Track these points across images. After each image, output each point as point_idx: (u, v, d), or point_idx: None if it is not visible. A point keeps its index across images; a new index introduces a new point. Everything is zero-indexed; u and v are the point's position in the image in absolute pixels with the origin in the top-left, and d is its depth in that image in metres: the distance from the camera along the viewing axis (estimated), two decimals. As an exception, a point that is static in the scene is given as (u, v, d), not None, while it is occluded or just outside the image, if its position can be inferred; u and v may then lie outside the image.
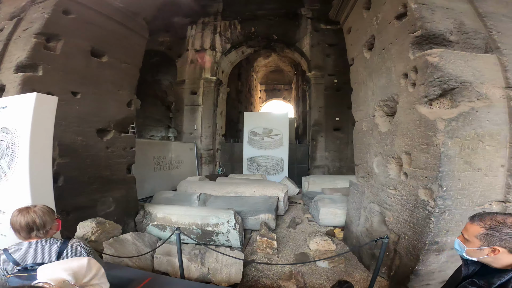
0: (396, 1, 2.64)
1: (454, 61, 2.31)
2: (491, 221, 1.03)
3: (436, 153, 2.29)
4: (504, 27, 2.34)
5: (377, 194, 3.30)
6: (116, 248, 3.31)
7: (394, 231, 2.79)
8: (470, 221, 1.11)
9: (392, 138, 2.99)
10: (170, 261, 3.22)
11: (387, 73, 3.06)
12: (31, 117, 2.43)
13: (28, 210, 1.40)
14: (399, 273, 2.57)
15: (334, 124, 8.28)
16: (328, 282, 3.08)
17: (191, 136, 8.95)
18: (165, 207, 4.40)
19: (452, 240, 2.30)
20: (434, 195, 2.30)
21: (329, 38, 8.34)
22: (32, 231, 1.36)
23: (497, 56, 2.32)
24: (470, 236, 1.07)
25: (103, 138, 4.41)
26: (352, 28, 4.00)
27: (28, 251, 1.35)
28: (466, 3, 2.41)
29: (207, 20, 8.93)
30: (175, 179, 7.47)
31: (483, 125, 2.28)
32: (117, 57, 4.48)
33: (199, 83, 8.84)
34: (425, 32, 2.37)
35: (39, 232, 1.37)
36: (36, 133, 2.46)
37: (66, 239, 1.50)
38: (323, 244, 3.93)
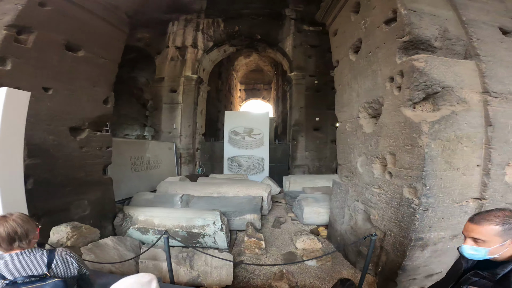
0: (386, 6, 2.74)
1: (438, 66, 2.45)
2: (498, 217, 1.09)
3: (420, 154, 2.42)
4: (483, 34, 2.53)
5: (361, 193, 3.42)
6: (96, 254, 3.09)
7: (380, 229, 2.91)
8: (476, 223, 1.12)
9: (376, 139, 3.11)
10: (157, 266, 3.08)
11: (373, 76, 3.17)
12: (0, 114, 2.18)
13: (6, 219, 1.24)
14: (386, 269, 2.69)
15: (314, 124, 8.47)
16: (318, 280, 3.14)
17: (169, 135, 8.64)
18: (146, 209, 4.20)
19: (435, 236, 2.45)
20: (419, 193, 2.42)
21: (311, 40, 8.51)
22: (14, 242, 1.21)
23: (475, 63, 2.50)
24: (486, 236, 1.09)
25: (76, 137, 4.13)
26: (338, 30, 4.10)
27: (13, 264, 1.20)
28: (451, 10, 2.57)
29: (190, 17, 8.68)
30: (154, 180, 7.18)
31: (462, 128, 2.45)
32: (94, 51, 4.20)
33: (179, 81, 8.56)
34: (413, 37, 2.48)
35: (22, 243, 1.23)
36: (6, 132, 2.23)
37: (51, 249, 1.36)
38: (309, 243, 4.00)
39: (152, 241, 3.96)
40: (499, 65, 2.49)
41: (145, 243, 3.90)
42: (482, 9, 2.61)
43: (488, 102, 2.46)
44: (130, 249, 3.58)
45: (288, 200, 6.50)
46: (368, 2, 3.09)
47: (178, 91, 8.58)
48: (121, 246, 3.50)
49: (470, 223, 1.15)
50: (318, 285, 3.04)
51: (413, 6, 2.50)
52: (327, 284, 3.05)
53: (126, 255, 3.38)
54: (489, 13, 2.64)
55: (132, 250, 3.58)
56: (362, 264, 3.24)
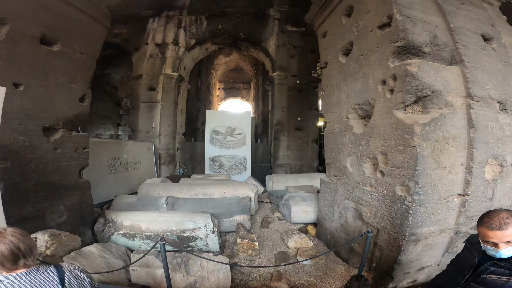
0: (381, 11, 2.84)
1: (429, 71, 2.61)
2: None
3: (413, 154, 2.55)
4: (468, 41, 2.74)
5: (352, 191, 3.54)
6: (81, 263, 2.88)
7: (373, 225, 3.03)
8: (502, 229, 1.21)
9: (367, 139, 3.23)
10: (150, 273, 2.92)
11: (364, 79, 3.29)
12: None
13: (3, 235, 1.08)
14: (381, 264, 2.81)
15: (295, 124, 8.62)
16: (314, 278, 3.19)
17: (148, 135, 8.25)
18: (131, 214, 3.96)
19: (426, 231, 2.61)
20: (411, 191, 2.56)
21: (294, 40, 8.63)
22: (19, 260, 1.05)
23: (460, 68, 2.70)
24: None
25: (50, 137, 3.80)
26: (328, 32, 4.19)
27: (21, 285, 1.04)
28: (440, 17, 2.74)
29: (172, 13, 8.35)
30: (133, 182, 6.82)
31: (448, 129, 2.63)
32: (71, 46, 3.88)
33: (159, 78, 8.19)
34: (406, 43, 2.61)
35: (27, 260, 1.07)
36: None
37: (57, 264, 1.21)
38: (301, 242, 4.06)
39: (139, 247, 3.78)
40: (480, 70, 2.72)
41: (134, 250, 3.69)
42: (468, 16, 2.82)
43: (470, 106, 2.67)
44: (117, 256, 3.36)
45: (274, 200, 6.54)
46: (362, 6, 3.19)
47: (157, 89, 8.20)
48: (107, 254, 3.28)
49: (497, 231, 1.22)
50: (315, 283, 3.09)
51: (408, 13, 2.63)
52: (324, 281, 3.11)
53: (114, 263, 3.17)
54: (473, 20, 2.86)
55: (120, 257, 3.36)
56: (355, 260, 3.38)
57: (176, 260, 3.11)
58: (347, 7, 3.56)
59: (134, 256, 3.16)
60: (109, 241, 3.81)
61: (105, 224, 3.99)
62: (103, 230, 3.96)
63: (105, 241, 3.84)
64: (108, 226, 3.95)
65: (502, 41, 2.91)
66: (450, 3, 2.82)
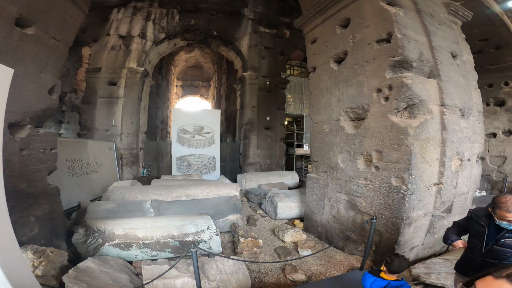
0: (381, 28, 3.28)
1: (418, 83, 3.16)
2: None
3: (407, 151, 3.07)
4: (443, 58, 3.40)
5: (344, 185, 3.96)
6: (87, 283, 2.54)
7: (369, 214, 3.49)
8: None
9: (361, 139, 3.69)
10: (168, 284, 2.73)
11: (358, 86, 3.73)
12: None
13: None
14: (381, 246, 3.27)
15: (265, 123, 8.91)
16: (321, 266, 3.48)
17: (107, 134, 7.37)
18: (122, 222, 3.58)
19: (416, 215, 3.16)
20: (406, 181, 3.07)
21: (266, 41, 8.87)
22: None
23: (437, 81, 3.34)
24: None
25: (15, 136, 3.20)
26: (318, 39, 4.54)
27: None
28: (425, 36, 3.33)
29: (140, 5, 7.66)
30: (95, 186, 6.07)
31: (429, 131, 3.23)
32: (46, 30, 3.37)
33: (121, 73, 7.39)
34: (403, 58, 3.11)
35: None
36: None
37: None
38: (296, 236, 4.33)
39: (136, 257, 3.48)
40: (450, 84, 3.42)
41: (130, 261, 3.37)
42: (443, 36, 3.50)
43: (444, 113, 3.34)
44: (119, 270, 3.04)
45: (252, 198, 6.68)
46: (361, 20, 3.61)
47: (119, 84, 7.39)
48: (107, 268, 2.95)
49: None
50: (324, 271, 3.38)
51: (404, 31, 3.13)
52: (330, 268, 3.43)
53: (119, 277, 2.87)
54: (446, 40, 3.56)
55: (122, 271, 3.05)
56: (351, 247, 3.81)
57: (192, 267, 2.98)
58: (344, 18, 3.95)
59: (146, 268, 2.91)
60: (98, 254, 3.38)
61: (87, 234, 3.51)
62: (84, 241, 3.49)
63: (91, 254, 3.39)
64: (93, 236, 3.49)
65: (463, 58, 3.72)
66: (432, 24, 3.46)
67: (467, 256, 2.03)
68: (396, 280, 1.90)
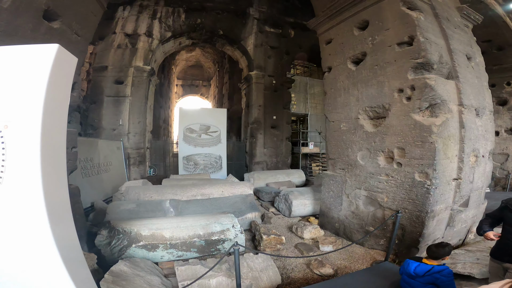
0: (403, 31, 3.40)
1: (440, 84, 3.29)
2: None
3: (431, 148, 3.20)
4: (460, 60, 3.54)
5: (364, 181, 4.08)
6: (124, 287, 2.53)
7: (392, 208, 3.61)
8: None
9: (382, 137, 3.81)
10: (202, 284, 2.74)
11: (378, 86, 3.84)
12: (47, 78, 1.48)
13: None
14: (405, 239, 3.39)
15: (271, 122, 8.99)
16: (344, 261, 3.59)
17: (114, 133, 7.29)
18: (148, 222, 3.58)
19: (439, 208, 3.29)
20: (430, 176, 3.20)
21: (272, 41, 8.94)
22: None
23: (455, 82, 3.49)
24: None
25: None
26: (333, 40, 4.63)
27: None
28: (443, 40, 3.46)
29: (146, 3, 7.60)
30: (106, 186, 6.03)
31: (450, 130, 3.37)
32: (70, 25, 3.35)
33: (128, 71, 7.32)
34: (425, 60, 3.23)
35: None
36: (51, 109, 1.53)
37: None
38: (314, 232, 4.42)
39: (161, 258, 3.44)
40: (467, 84, 3.57)
41: (157, 262, 3.37)
42: (459, 39, 3.65)
43: (462, 112, 3.48)
44: (150, 272, 3.00)
45: (263, 196, 6.74)
46: (380, 23, 3.72)
47: (126, 83, 7.32)
48: (139, 271, 2.91)
49: None
50: (348, 265, 3.48)
51: (426, 35, 3.26)
52: (354, 263, 3.53)
53: (152, 280, 2.83)
54: (461, 43, 3.70)
55: (153, 273, 3.01)
56: (371, 242, 3.92)
57: (225, 265, 3.03)
58: (361, 21, 4.05)
59: (180, 269, 2.90)
60: (125, 256, 3.35)
61: (111, 236, 3.48)
62: (108, 243, 3.46)
63: (116, 256, 3.36)
64: (118, 238, 3.45)
65: (476, 60, 3.88)
66: (449, 27, 3.60)
67: (502, 242, 2.16)
68: (439, 265, 2.02)
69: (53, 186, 1.53)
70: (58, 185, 1.60)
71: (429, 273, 1.92)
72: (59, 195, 1.61)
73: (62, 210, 1.65)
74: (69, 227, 1.72)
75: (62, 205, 1.66)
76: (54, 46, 1.52)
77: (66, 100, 1.70)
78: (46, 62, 1.49)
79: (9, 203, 1.50)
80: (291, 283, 3.13)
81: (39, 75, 1.47)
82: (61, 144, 1.65)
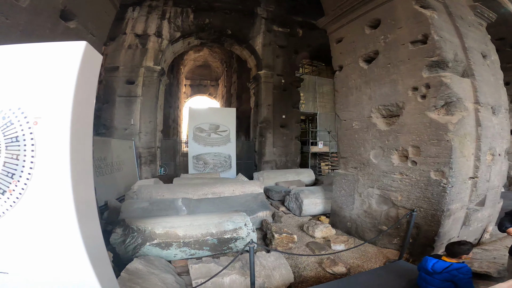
0: (417, 29, 3.37)
1: (455, 82, 3.25)
2: None
3: (447, 146, 3.16)
4: (475, 58, 3.49)
5: (377, 180, 4.05)
6: (140, 285, 2.55)
7: (406, 207, 3.58)
8: None
9: (395, 135, 3.78)
10: (216, 283, 2.75)
11: (391, 84, 3.81)
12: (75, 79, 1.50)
13: None
14: (420, 238, 3.36)
15: (280, 121, 9.00)
16: (357, 259, 3.58)
17: (126, 132, 7.43)
18: (162, 220, 3.63)
19: (455, 207, 3.25)
20: (446, 175, 3.16)
21: (280, 40, 8.96)
22: None
23: (471, 80, 3.43)
24: None
25: None
26: (344, 39, 4.61)
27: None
28: (457, 38, 3.42)
29: (155, 3, 7.73)
30: (119, 185, 6.14)
31: (466, 128, 3.32)
32: (85, 25, 3.41)
33: (139, 71, 7.45)
34: (440, 58, 3.20)
35: None
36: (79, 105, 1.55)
37: None
38: (326, 231, 4.41)
39: (174, 256, 3.45)
40: (483, 82, 3.51)
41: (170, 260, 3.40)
42: (473, 37, 3.59)
43: (478, 110, 3.43)
44: (164, 270, 3.00)
45: (273, 195, 6.75)
46: (393, 22, 3.69)
47: (137, 83, 7.45)
48: (153, 269, 2.92)
49: None
50: (361, 264, 3.47)
51: (440, 33, 3.22)
52: (367, 262, 3.52)
53: (166, 278, 2.84)
54: (476, 41, 3.65)
55: (167, 271, 3.02)
56: (384, 241, 3.89)
57: (238, 263, 3.05)
58: (373, 19, 4.03)
59: (194, 267, 2.94)
60: (139, 253, 3.39)
61: (125, 234, 3.53)
62: (123, 241, 3.50)
63: (130, 254, 3.40)
64: (132, 236, 3.49)
65: (492, 58, 3.81)
66: (463, 26, 3.55)
67: None
68: (458, 263, 2.00)
69: (81, 182, 1.57)
70: (86, 182, 1.64)
71: (447, 270, 1.92)
72: (86, 192, 1.65)
73: (89, 207, 1.69)
74: (95, 225, 1.76)
75: (89, 202, 1.70)
76: (82, 43, 1.55)
77: (92, 97, 1.74)
78: (75, 59, 1.51)
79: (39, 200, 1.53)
80: (303, 282, 3.14)
81: (69, 71, 1.50)
82: (88, 141, 1.69)
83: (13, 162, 1.54)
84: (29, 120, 1.51)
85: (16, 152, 1.53)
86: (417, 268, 2.26)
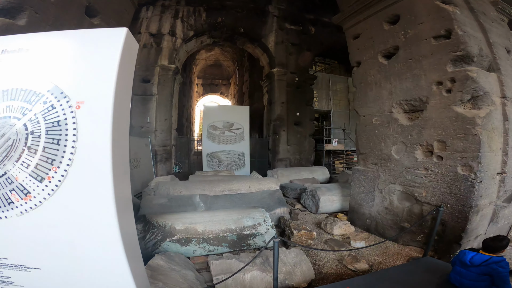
0: (439, 25, 3.32)
1: (482, 76, 3.16)
2: None
3: (475, 140, 3.07)
4: (500, 53, 3.39)
5: (399, 176, 3.97)
6: (163, 281, 2.54)
7: (431, 203, 3.50)
8: None
9: (419, 130, 3.70)
10: (237, 279, 2.75)
11: (414, 79, 3.74)
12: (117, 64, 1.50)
13: None
14: (446, 235, 3.28)
15: (294, 119, 8.97)
16: (378, 257, 3.52)
17: (142, 130, 7.57)
18: (181, 216, 3.65)
19: (483, 203, 3.15)
20: (474, 169, 3.07)
21: (292, 38, 8.93)
22: None
23: (497, 75, 3.33)
24: None
25: None
26: (362, 35, 4.55)
27: None
28: (481, 33, 3.34)
29: (168, 3, 7.85)
30: (135, 181, 6.24)
31: (494, 122, 3.21)
32: (108, 22, 3.51)
33: (154, 70, 7.59)
34: (465, 53, 3.13)
35: None
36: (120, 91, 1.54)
37: None
38: (344, 228, 4.35)
39: (193, 252, 3.46)
40: (508, 77, 3.41)
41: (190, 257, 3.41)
42: (497, 33, 3.50)
43: (505, 104, 3.32)
44: (185, 267, 2.98)
45: (288, 192, 6.71)
46: (413, 17, 3.64)
47: (153, 81, 7.59)
48: (174, 265, 2.90)
49: None
50: (383, 261, 3.41)
51: (464, 28, 3.17)
52: (389, 259, 3.46)
53: (187, 275, 2.82)
54: (500, 36, 3.54)
55: (187, 268, 2.99)
56: (406, 238, 3.82)
57: (258, 259, 3.03)
58: (392, 15, 3.98)
59: (214, 264, 2.94)
60: (159, 250, 3.41)
61: (145, 230, 3.54)
62: (143, 237, 3.51)
63: (150, 250, 3.41)
64: (152, 232, 3.51)
65: None
66: (486, 21, 3.48)
67: None
68: (496, 256, 1.95)
69: (120, 172, 1.56)
70: (124, 170, 1.63)
71: (486, 262, 1.87)
72: (125, 183, 1.63)
73: (127, 201, 1.67)
74: (131, 220, 1.75)
75: (126, 194, 1.67)
76: (123, 29, 1.57)
77: (130, 85, 1.75)
78: (118, 44, 1.53)
79: (78, 188, 1.49)
80: (324, 278, 3.11)
81: (111, 56, 1.51)
82: (126, 128, 1.69)
83: (54, 147, 1.51)
84: (72, 104, 1.51)
85: (57, 137, 1.51)
86: (451, 262, 2.21)
